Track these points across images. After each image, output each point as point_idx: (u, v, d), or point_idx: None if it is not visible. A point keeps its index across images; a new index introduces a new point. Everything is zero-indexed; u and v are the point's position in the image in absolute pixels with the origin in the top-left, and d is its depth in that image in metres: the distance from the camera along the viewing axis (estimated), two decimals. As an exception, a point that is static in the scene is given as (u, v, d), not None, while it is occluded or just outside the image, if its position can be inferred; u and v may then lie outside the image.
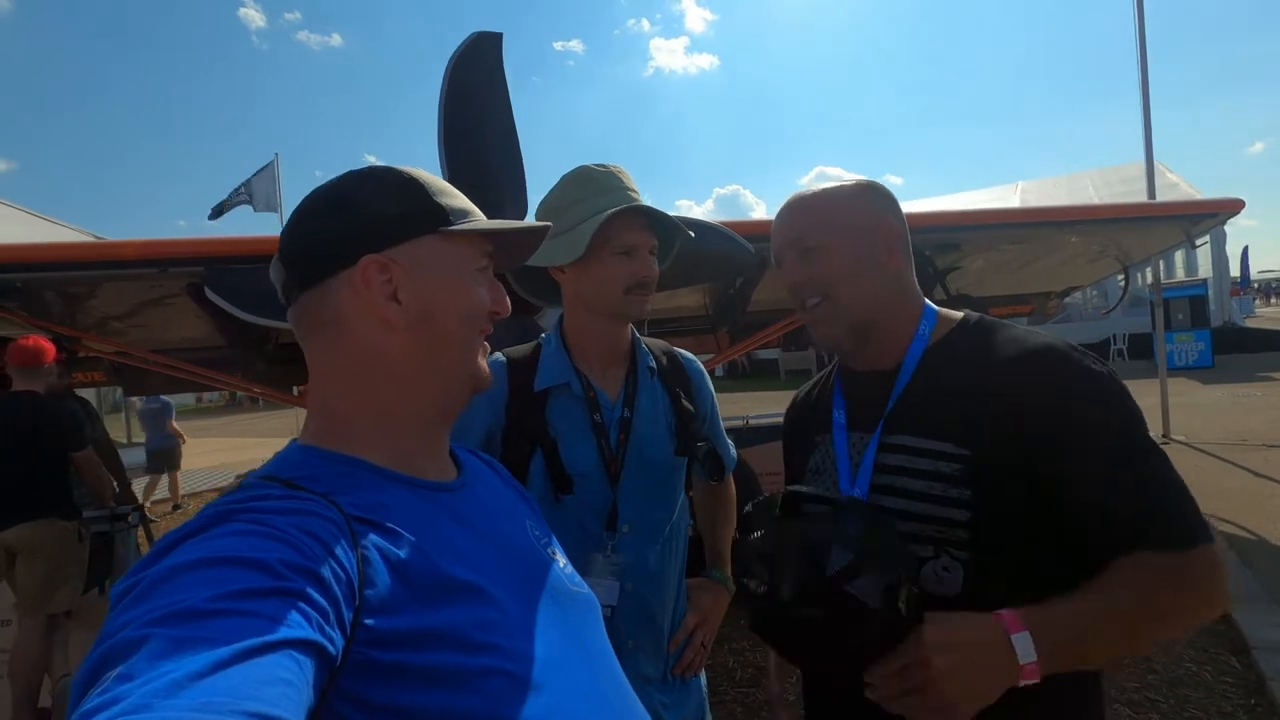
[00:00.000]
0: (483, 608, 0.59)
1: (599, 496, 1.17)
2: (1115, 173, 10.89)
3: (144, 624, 0.41)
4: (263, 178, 14.20)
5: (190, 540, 0.48)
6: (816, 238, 0.97)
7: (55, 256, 3.57)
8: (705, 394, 1.35)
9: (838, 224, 0.98)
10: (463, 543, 0.63)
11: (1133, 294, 16.18)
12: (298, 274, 0.66)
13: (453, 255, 0.68)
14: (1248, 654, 3.00)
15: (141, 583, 0.45)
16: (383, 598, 0.53)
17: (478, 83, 2.96)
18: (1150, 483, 0.82)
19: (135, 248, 3.56)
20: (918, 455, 0.91)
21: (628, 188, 1.19)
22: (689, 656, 1.26)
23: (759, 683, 3.07)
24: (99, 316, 4.57)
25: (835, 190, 1.00)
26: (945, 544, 0.88)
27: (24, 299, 3.79)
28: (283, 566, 0.47)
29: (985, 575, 0.86)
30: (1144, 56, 8.53)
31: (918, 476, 0.90)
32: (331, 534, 0.53)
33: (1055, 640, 0.74)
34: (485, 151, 2.87)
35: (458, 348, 0.68)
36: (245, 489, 0.57)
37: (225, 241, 3.56)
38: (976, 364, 0.91)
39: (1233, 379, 12.65)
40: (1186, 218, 4.89)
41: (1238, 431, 8.10)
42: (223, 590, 0.43)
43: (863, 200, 0.99)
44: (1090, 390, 0.85)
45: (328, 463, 0.62)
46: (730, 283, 4.54)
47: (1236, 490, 5.70)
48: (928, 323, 0.99)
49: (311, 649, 0.44)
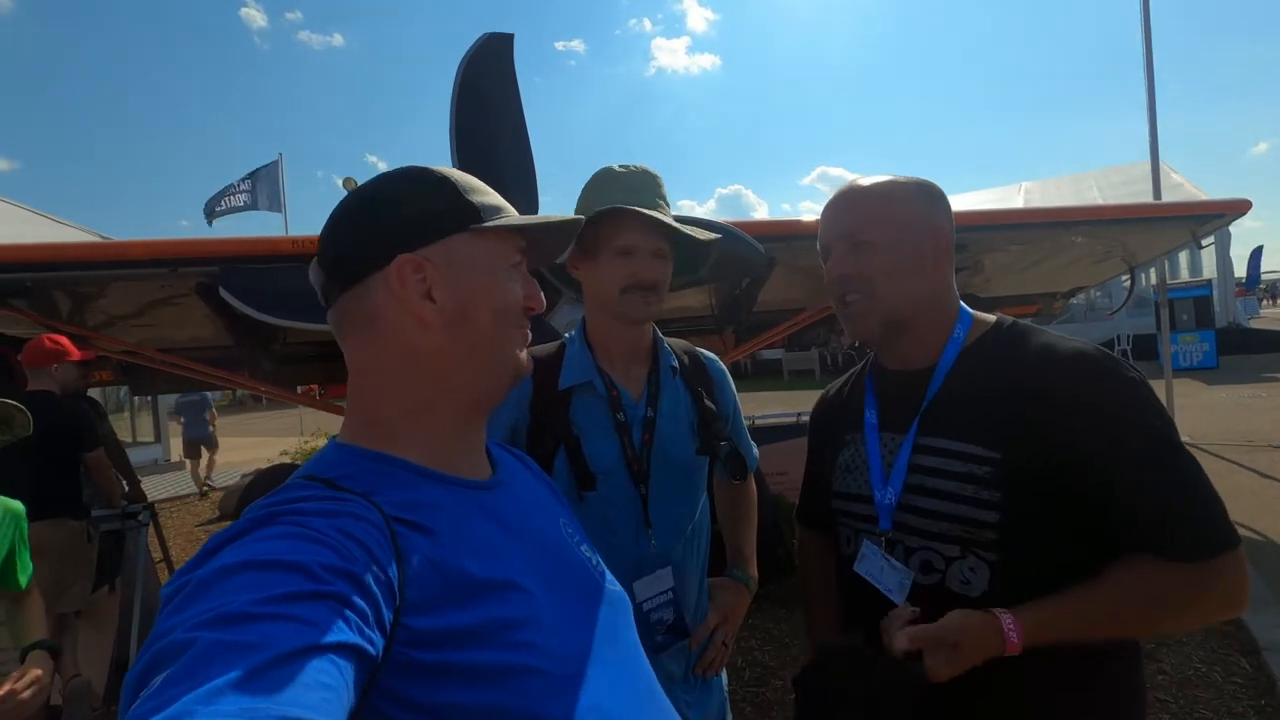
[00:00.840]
0: (520, 606, 0.59)
1: (622, 494, 1.18)
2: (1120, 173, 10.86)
3: (191, 627, 0.42)
4: (266, 178, 14.20)
5: (235, 543, 0.50)
6: (869, 233, 0.97)
7: (64, 256, 3.59)
8: (727, 394, 1.36)
9: (893, 221, 0.97)
10: (499, 541, 0.63)
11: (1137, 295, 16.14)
12: (335, 276, 0.67)
13: (486, 252, 0.68)
14: (1257, 655, 3.00)
15: (189, 585, 0.46)
16: (422, 597, 0.53)
17: (489, 83, 2.97)
18: (1179, 489, 0.83)
19: (146, 248, 3.58)
20: (951, 457, 0.92)
21: (645, 189, 1.19)
22: (711, 655, 1.26)
23: (768, 681, 3.08)
24: (107, 316, 4.59)
25: (891, 186, 1.00)
26: (973, 545, 0.89)
27: (33, 298, 3.81)
28: (323, 570, 0.47)
29: (1010, 575, 0.87)
30: (1150, 57, 8.51)
31: (949, 478, 0.91)
32: (371, 535, 0.53)
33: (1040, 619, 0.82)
34: (497, 150, 2.88)
35: (493, 343, 0.69)
36: (287, 489, 0.58)
37: (240, 241, 3.57)
38: (1009, 368, 0.92)
39: (1238, 380, 12.62)
40: (1193, 218, 4.87)
41: (1243, 432, 8.09)
42: (265, 594, 0.44)
43: (918, 200, 0.99)
44: (1122, 396, 0.86)
45: (366, 461, 0.63)
46: (736, 283, 4.54)
47: (1244, 492, 5.69)
48: (963, 325, 0.99)
49: (351, 652, 0.45)
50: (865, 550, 0.98)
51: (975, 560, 0.89)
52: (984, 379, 0.93)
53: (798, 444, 5.10)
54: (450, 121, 2.91)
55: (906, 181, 1.00)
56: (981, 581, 0.88)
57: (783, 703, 2.90)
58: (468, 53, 2.95)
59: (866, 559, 0.98)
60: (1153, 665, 2.97)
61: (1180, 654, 3.07)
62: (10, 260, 3.55)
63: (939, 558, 0.91)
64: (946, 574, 0.90)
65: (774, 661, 3.25)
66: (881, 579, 0.95)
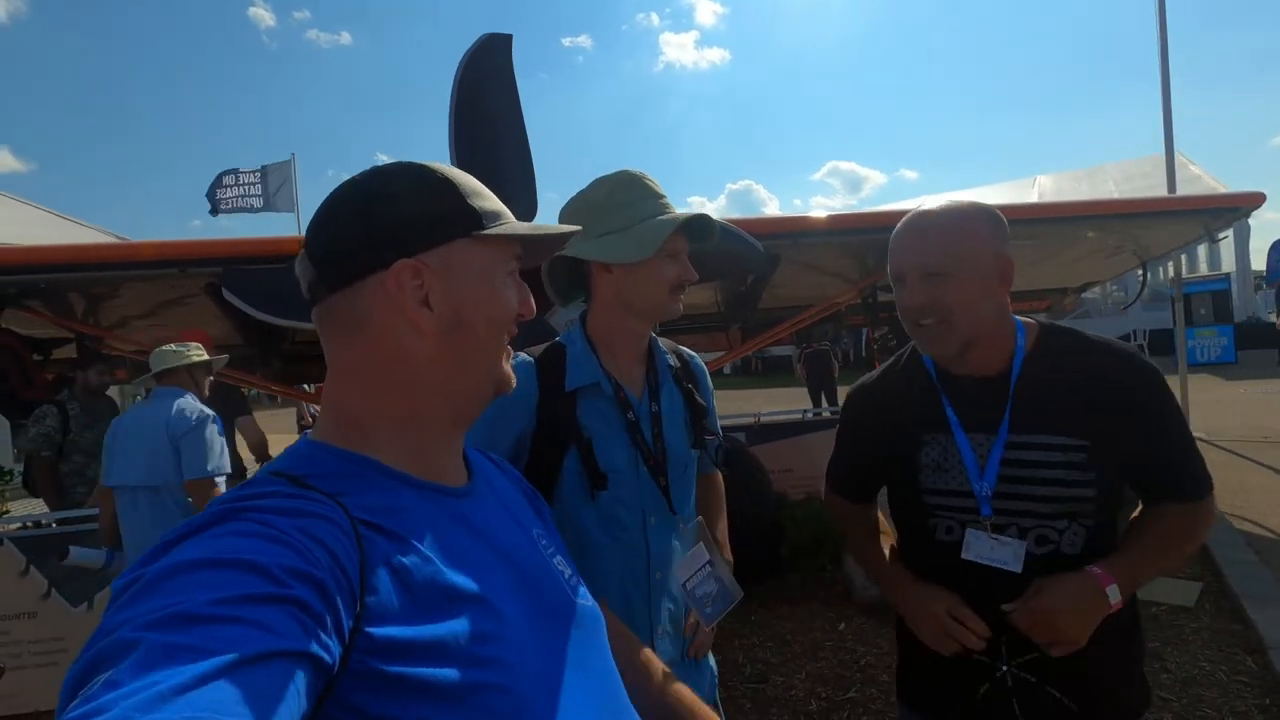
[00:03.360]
0: (485, 620, 0.57)
1: (631, 491, 1.22)
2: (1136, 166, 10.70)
3: (139, 626, 0.40)
4: (279, 178, 14.30)
5: (193, 538, 0.48)
6: (945, 266, 1.10)
7: (77, 258, 3.66)
8: (708, 390, 1.41)
9: (966, 256, 1.10)
10: (469, 551, 0.62)
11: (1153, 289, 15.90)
12: (325, 274, 0.64)
13: (484, 259, 0.67)
14: (1264, 653, 2.96)
15: (141, 580, 0.45)
16: (384, 605, 0.52)
17: (488, 83, 2.99)
18: (1189, 453, 1.11)
19: (155, 249, 3.64)
20: (1048, 450, 1.10)
21: (662, 193, 1.26)
22: (700, 639, 1.31)
23: (768, 678, 3.09)
24: (120, 316, 4.68)
25: (963, 220, 1.12)
26: (1076, 516, 1.10)
27: (48, 299, 3.89)
28: (282, 572, 0.46)
29: (1101, 533, 1.11)
30: (1165, 47, 8.37)
31: (1052, 467, 1.09)
32: (335, 538, 0.51)
33: (1129, 581, 1.07)
34: (496, 151, 2.91)
35: (485, 352, 0.68)
36: (252, 484, 0.57)
37: (247, 242, 3.62)
38: (1074, 367, 1.12)
39: (1257, 375, 12.41)
40: (1206, 212, 4.80)
41: (1260, 429, 7.97)
42: (219, 595, 0.42)
43: (987, 232, 1.12)
44: (1157, 383, 1.10)
45: (339, 460, 0.61)
46: (741, 280, 4.55)
47: (1258, 488, 5.61)
48: (1022, 334, 1.16)
49: (306, 659, 0.43)
50: (970, 538, 1.14)
51: (1078, 527, 1.10)
52: (1052, 379, 1.12)
53: (801, 441, 5.11)
54: (449, 122, 2.94)
55: (975, 212, 1.13)
56: (1079, 542, 1.10)
57: (782, 699, 2.91)
58: (466, 54, 2.97)
59: (973, 546, 1.14)
60: (1156, 663, 2.95)
61: (1186, 652, 3.05)
62: (24, 262, 3.63)
63: (1053, 530, 1.10)
64: (1060, 542, 1.10)
65: (775, 658, 3.26)
66: (993, 556, 1.12)
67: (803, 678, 3.08)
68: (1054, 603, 1.03)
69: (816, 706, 2.84)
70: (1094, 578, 1.04)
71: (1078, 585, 1.04)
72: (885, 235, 1.21)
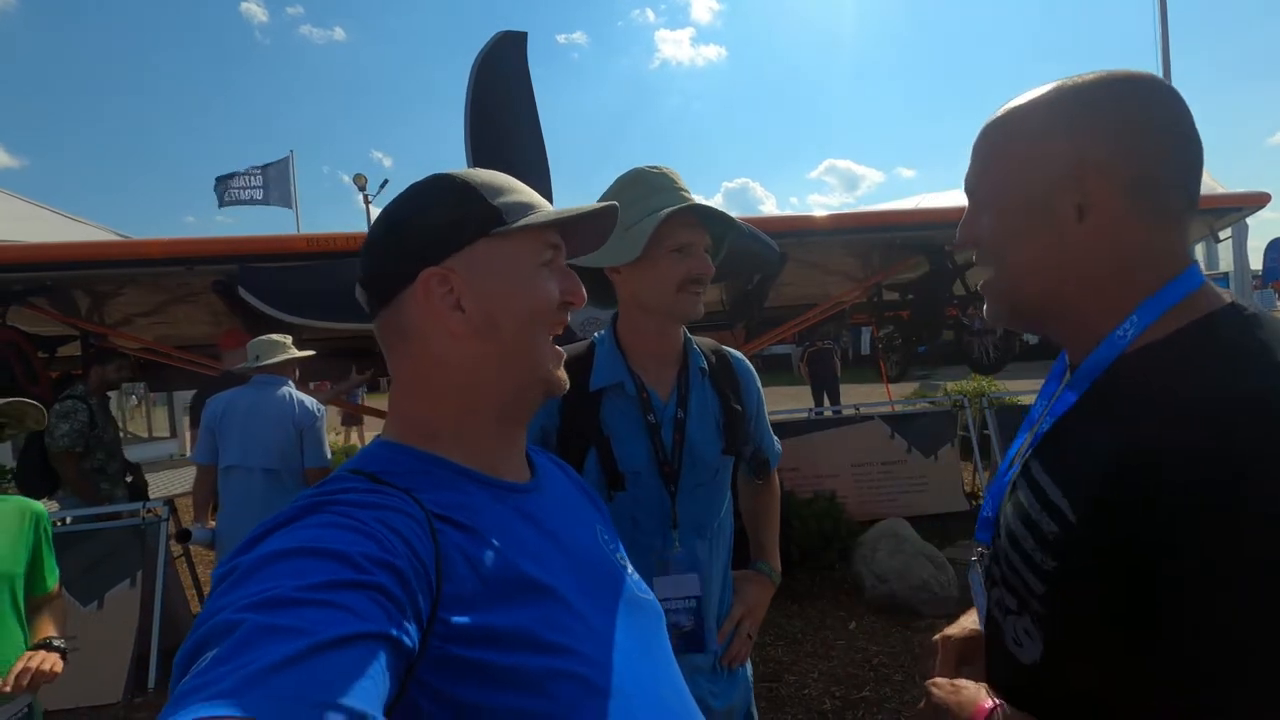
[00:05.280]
0: (556, 609, 0.59)
1: (651, 494, 1.20)
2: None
3: (239, 609, 0.43)
4: (277, 174, 14.30)
5: (281, 530, 0.51)
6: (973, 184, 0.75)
7: (84, 256, 3.63)
8: (753, 393, 1.37)
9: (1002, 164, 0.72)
10: (536, 544, 0.64)
11: (1152, 288, 15.79)
12: (372, 294, 0.68)
13: (511, 254, 0.67)
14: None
15: (238, 569, 0.47)
16: (460, 594, 0.54)
17: (504, 81, 2.98)
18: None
19: (164, 246, 3.62)
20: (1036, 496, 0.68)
21: (680, 187, 1.21)
22: (736, 647, 1.28)
23: (781, 677, 3.09)
24: (125, 314, 4.65)
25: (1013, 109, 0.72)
26: (1026, 607, 0.68)
27: (53, 296, 3.86)
28: (364, 560, 0.48)
29: (1062, 661, 0.66)
30: (1165, 46, 8.40)
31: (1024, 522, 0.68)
32: (412, 529, 0.54)
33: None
34: (513, 148, 2.90)
35: (525, 350, 0.68)
36: (332, 480, 0.59)
37: (257, 240, 3.61)
38: (1149, 402, 0.60)
39: (1254, 374, 12.47)
40: (1210, 211, 4.80)
41: (1260, 427, 7.98)
42: (309, 581, 0.45)
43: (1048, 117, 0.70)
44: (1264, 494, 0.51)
45: (409, 459, 0.64)
46: (748, 279, 4.54)
47: (1260, 487, 5.62)
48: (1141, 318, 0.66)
49: (389, 642, 0.45)
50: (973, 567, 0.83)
51: (1029, 624, 0.67)
52: (1119, 407, 0.63)
53: (807, 440, 5.11)
54: (465, 118, 2.93)
55: (1040, 95, 0.68)
56: (1034, 650, 0.67)
57: (795, 698, 2.91)
58: (483, 50, 2.96)
59: (974, 567, 0.83)
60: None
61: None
62: (31, 260, 3.60)
63: (999, 606, 0.73)
64: (1003, 626, 0.72)
65: (787, 657, 3.26)
66: (976, 597, 0.83)
67: (816, 677, 3.08)
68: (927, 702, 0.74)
69: (831, 705, 2.84)
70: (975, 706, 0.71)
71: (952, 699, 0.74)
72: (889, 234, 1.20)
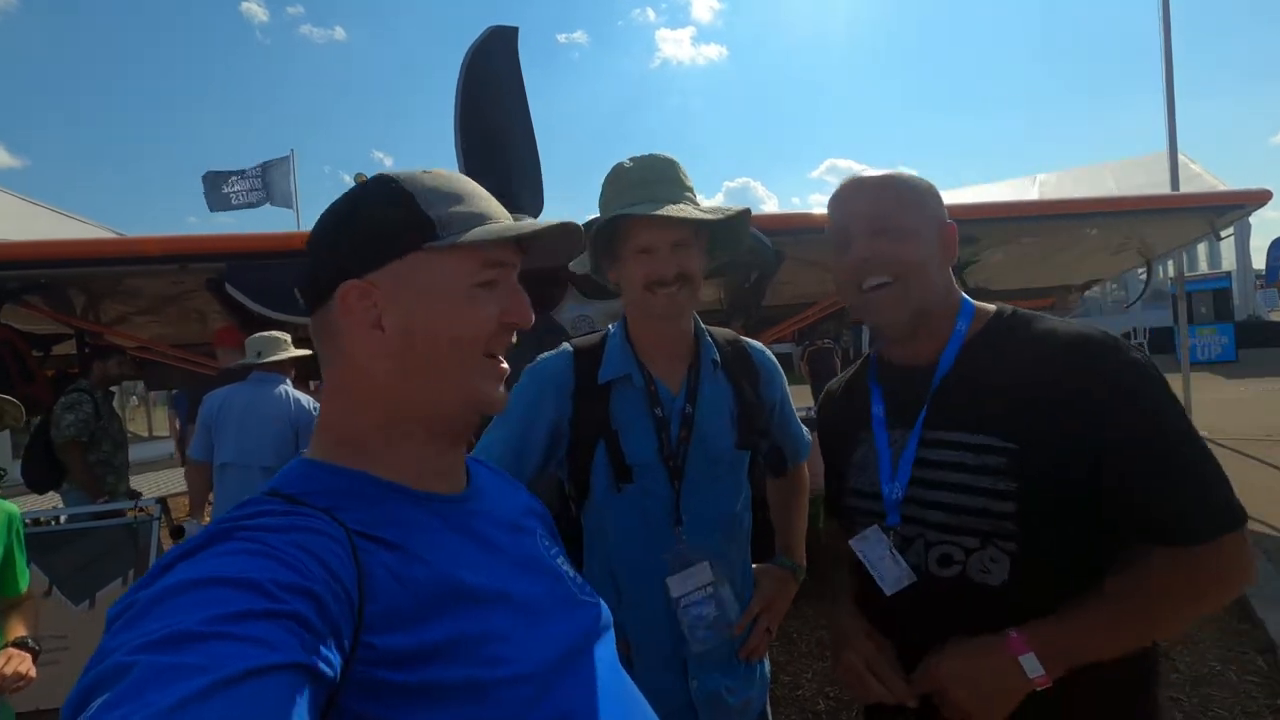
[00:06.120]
0: (489, 619, 0.58)
1: (660, 486, 1.20)
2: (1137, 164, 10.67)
3: (133, 649, 0.40)
4: (277, 174, 14.27)
5: (187, 560, 0.48)
6: (902, 220, 0.97)
7: (79, 253, 3.63)
8: (775, 385, 1.36)
9: (924, 212, 0.98)
10: (470, 555, 0.62)
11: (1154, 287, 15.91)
12: (304, 296, 0.66)
13: (442, 273, 0.62)
14: (1274, 653, 2.95)
15: (137, 604, 0.45)
16: (386, 614, 0.52)
17: (494, 77, 2.95)
18: (1178, 474, 0.83)
19: (159, 244, 3.61)
20: (964, 450, 0.91)
21: (658, 180, 1.18)
22: (754, 641, 1.27)
23: (776, 678, 3.06)
24: (121, 312, 4.64)
25: (913, 179, 1.01)
26: (992, 535, 0.89)
27: (48, 294, 3.86)
28: (276, 587, 0.45)
29: (1032, 565, 0.88)
30: (1168, 45, 8.36)
31: (964, 470, 0.91)
32: (331, 551, 0.51)
33: (1060, 652, 0.82)
34: (503, 145, 2.87)
35: (449, 373, 0.64)
36: (247, 505, 0.56)
37: (252, 238, 3.60)
38: (1015, 357, 0.92)
39: (1258, 373, 12.43)
40: (1212, 209, 4.80)
41: (1263, 427, 7.96)
42: (215, 613, 0.42)
43: (935, 195, 1.02)
44: (1130, 380, 0.85)
45: (331, 476, 0.61)
46: (745, 277, 4.52)
47: (1261, 488, 5.59)
48: (965, 318, 1.00)
49: (304, 672, 0.43)
50: (870, 534, 0.99)
51: (995, 551, 0.89)
52: (991, 369, 0.93)
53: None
54: (455, 115, 2.91)
55: (917, 177, 1.01)
56: (1001, 571, 0.88)
57: (791, 698, 2.89)
58: (472, 46, 2.93)
59: (868, 540, 0.99)
60: (1166, 663, 2.93)
61: (1195, 652, 3.03)
62: (25, 257, 3.60)
63: (958, 549, 0.91)
64: (967, 564, 0.90)
65: (782, 657, 3.24)
66: (879, 566, 0.97)
67: (810, 677, 3.06)
68: (949, 670, 0.85)
69: (825, 706, 2.82)
70: (1004, 642, 0.83)
71: (981, 651, 0.84)
72: None
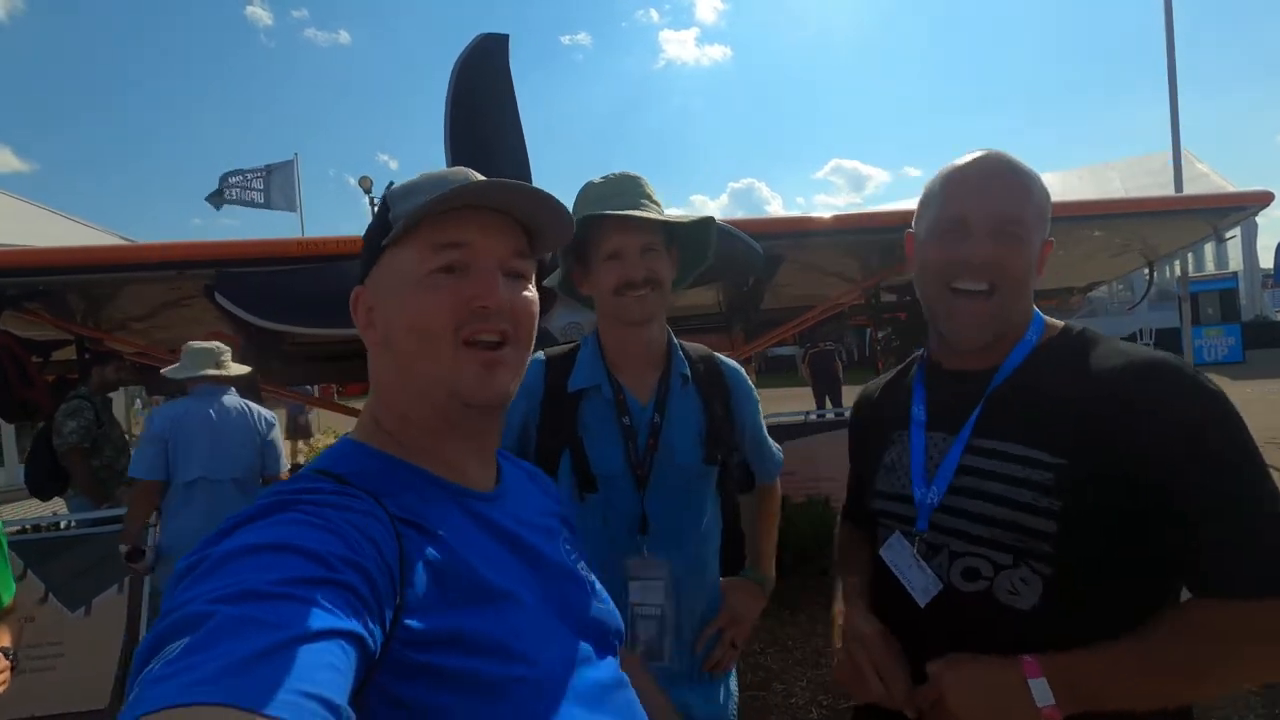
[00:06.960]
0: (512, 616, 0.60)
1: (624, 498, 1.19)
2: (1141, 164, 10.62)
3: (211, 600, 0.43)
4: (281, 177, 14.31)
5: (251, 524, 0.51)
6: (1024, 226, 0.89)
7: (76, 260, 3.64)
8: (745, 403, 1.35)
9: (1042, 222, 0.91)
10: (495, 551, 0.65)
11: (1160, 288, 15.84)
12: None
13: (400, 265, 0.66)
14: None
15: (206, 560, 0.47)
16: (420, 598, 0.55)
17: (484, 85, 2.95)
18: (1239, 519, 0.74)
19: (155, 251, 3.62)
20: (1009, 460, 0.86)
21: (624, 193, 1.19)
22: (718, 654, 1.25)
23: (769, 685, 3.06)
24: (120, 318, 4.66)
25: (1040, 180, 0.92)
26: (1026, 555, 0.83)
27: (48, 301, 3.88)
28: (334, 559, 0.49)
29: (1066, 591, 0.82)
30: (1171, 44, 8.32)
31: (1006, 482, 0.85)
32: (379, 532, 0.55)
33: (1076, 686, 0.75)
34: (492, 154, 2.87)
35: (420, 363, 0.65)
36: (299, 479, 0.60)
37: (247, 244, 3.60)
38: (1080, 373, 0.86)
39: (1265, 374, 12.33)
40: (1213, 211, 4.74)
41: (1270, 428, 7.88)
42: (281, 576, 0.45)
43: (1051, 204, 0.93)
44: (1202, 410, 0.78)
45: (375, 461, 0.65)
46: (743, 281, 4.51)
47: (1266, 490, 5.55)
48: (1035, 329, 0.94)
49: (356, 640, 0.46)
50: (895, 541, 0.95)
51: (1028, 571, 0.83)
52: (1052, 383, 0.87)
53: (804, 443, 5.08)
54: (445, 124, 2.91)
55: (1036, 174, 0.92)
56: (1032, 595, 0.82)
57: (784, 706, 2.88)
58: (462, 54, 2.93)
59: (894, 549, 0.95)
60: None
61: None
62: (22, 265, 3.62)
63: (987, 564, 0.86)
64: (994, 582, 0.85)
65: (776, 664, 3.23)
66: (908, 574, 0.92)
67: (804, 685, 3.04)
68: (952, 676, 0.80)
69: (818, 715, 2.81)
70: (1017, 662, 0.77)
71: (990, 665, 0.79)
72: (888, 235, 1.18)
